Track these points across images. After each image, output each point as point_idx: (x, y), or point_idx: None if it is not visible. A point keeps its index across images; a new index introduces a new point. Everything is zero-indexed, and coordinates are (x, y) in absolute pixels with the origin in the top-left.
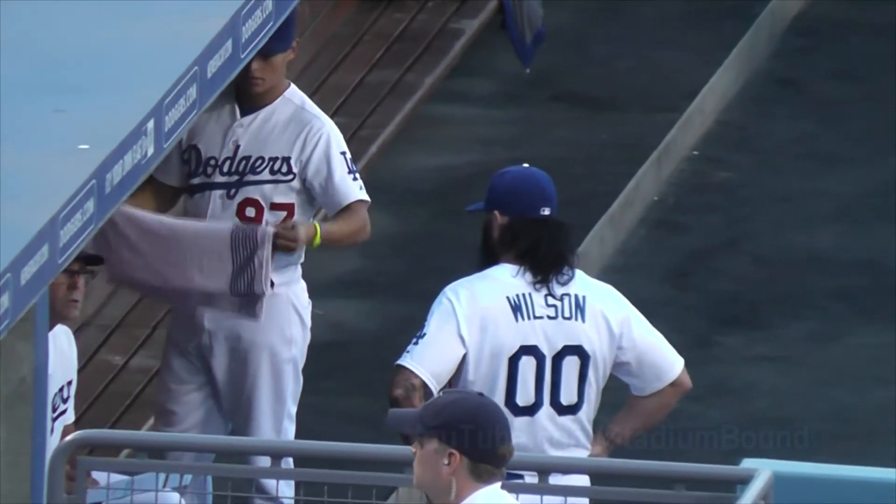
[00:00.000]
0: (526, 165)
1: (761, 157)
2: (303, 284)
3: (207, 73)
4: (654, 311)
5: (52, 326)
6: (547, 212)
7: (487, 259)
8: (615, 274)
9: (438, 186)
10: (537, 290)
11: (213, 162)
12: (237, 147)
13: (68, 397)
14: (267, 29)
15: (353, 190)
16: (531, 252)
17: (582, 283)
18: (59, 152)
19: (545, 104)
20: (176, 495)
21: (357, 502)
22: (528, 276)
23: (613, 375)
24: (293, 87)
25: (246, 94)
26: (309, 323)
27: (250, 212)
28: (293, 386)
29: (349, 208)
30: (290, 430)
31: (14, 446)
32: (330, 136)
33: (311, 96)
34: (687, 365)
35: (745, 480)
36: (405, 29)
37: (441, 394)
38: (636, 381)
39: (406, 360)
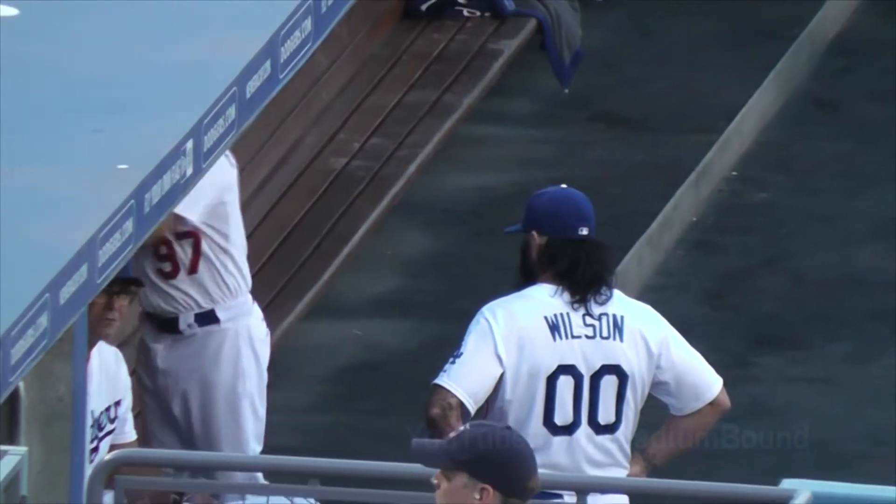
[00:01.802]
0: (564, 186)
1: (799, 177)
2: (256, 315)
3: (246, 94)
4: (692, 332)
5: (90, 345)
6: (585, 231)
7: (525, 279)
8: (653, 294)
9: (476, 206)
10: (575, 309)
11: None
12: None
13: (116, 417)
14: (306, 50)
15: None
16: (569, 272)
17: (620, 303)
18: (97, 172)
19: (583, 124)
20: None
21: None
22: (566, 296)
23: (652, 395)
24: None
25: None
26: (264, 356)
27: (163, 249)
28: (252, 422)
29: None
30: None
31: (52, 465)
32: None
33: (348, 117)
34: (725, 385)
35: (784, 501)
36: (444, 49)
37: (468, 426)
38: (675, 401)
39: (443, 380)
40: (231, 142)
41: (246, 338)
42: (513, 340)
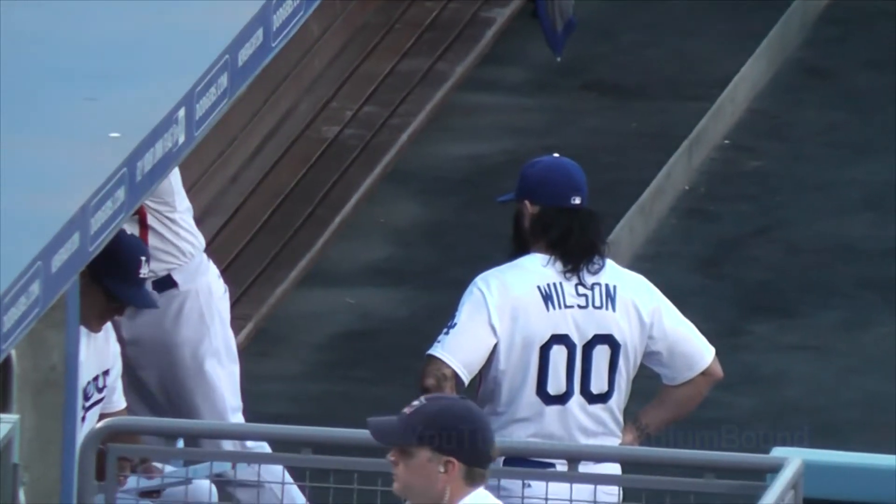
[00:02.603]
0: (556, 155)
1: (792, 145)
2: (213, 272)
3: (238, 62)
4: (685, 300)
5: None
6: (578, 201)
7: (518, 248)
8: (645, 263)
9: (469, 175)
10: (568, 279)
11: None
12: None
13: (104, 386)
14: (298, 18)
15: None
16: (562, 241)
17: (613, 273)
18: (90, 141)
19: (575, 93)
20: (206, 482)
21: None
22: (559, 266)
23: (644, 365)
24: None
25: None
26: (225, 312)
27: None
28: (225, 379)
29: None
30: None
31: (44, 433)
32: None
33: (341, 86)
34: (717, 354)
35: (775, 469)
36: (436, 17)
37: (424, 400)
38: (667, 371)
39: (437, 350)
40: (223, 110)
41: (206, 296)
42: (506, 310)
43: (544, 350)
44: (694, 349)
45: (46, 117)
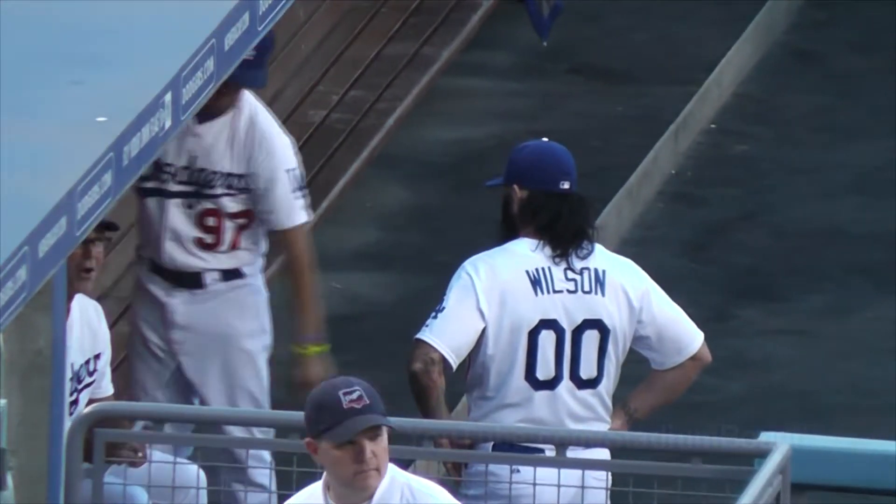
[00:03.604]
0: (545, 139)
1: (779, 129)
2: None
3: (225, 46)
4: (672, 285)
5: (69, 297)
6: (567, 185)
7: (507, 233)
8: (632, 247)
9: (456, 159)
10: (557, 264)
11: (168, 169)
12: (193, 158)
13: (95, 370)
14: (285, 1)
15: (296, 211)
16: (551, 226)
17: (602, 258)
18: (76, 125)
19: (562, 77)
20: (194, 467)
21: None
22: (548, 250)
23: (633, 350)
24: (248, 96)
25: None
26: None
27: (210, 221)
28: (266, 377)
29: (285, 241)
30: None
31: (31, 417)
32: (283, 155)
33: (327, 70)
34: (705, 338)
35: (762, 454)
36: (422, 1)
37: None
38: (656, 356)
39: (425, 335)
40: (210, 93)
41: (263, 294)
42: (495, 295)
43: (533, 335)
44: (683, 333)
45: (32, 101)
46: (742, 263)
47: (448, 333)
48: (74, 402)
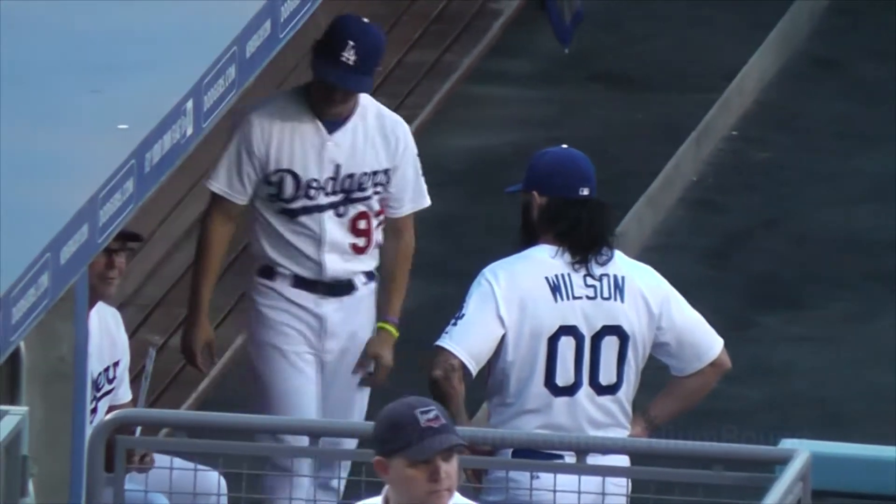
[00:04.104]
0: (565, 146)
1: (800, 137)
2: None
3: (246, 53)
4: (693, 292)
5: (91, 303)
6: (586, 192)
7: (527, 240)
8: (654, 254)
9: (476, 166)
10: (576, 270)
11: (315, 184)
12: (337, 167)
13: (115, 377)
14: (307, 9)
15: (424, 194)
16: (570, 232)
17: (621, 264)
18: (98, 132)
19: (583, 84)
20: (215, 473)
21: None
22: (567, 257)
23: (653, 356)
24: (362, 94)
25: (323, 111)
26: None
27: (362, 224)
28: None
29: (401, 226)
30: None
31: (53, 425)
32: (410, 138)
33: None
34: (725, 345)
35: (783, 461)
36: (444, 9)
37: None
38: (676, 362)
39: (445, 342)
40: (231, 101)
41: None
42: (514, 301)
43: (552, 341)
44: (702, 340)
45: (54, 109)
46: (763, 270)
47: (468, 340)
48: (93, 411)
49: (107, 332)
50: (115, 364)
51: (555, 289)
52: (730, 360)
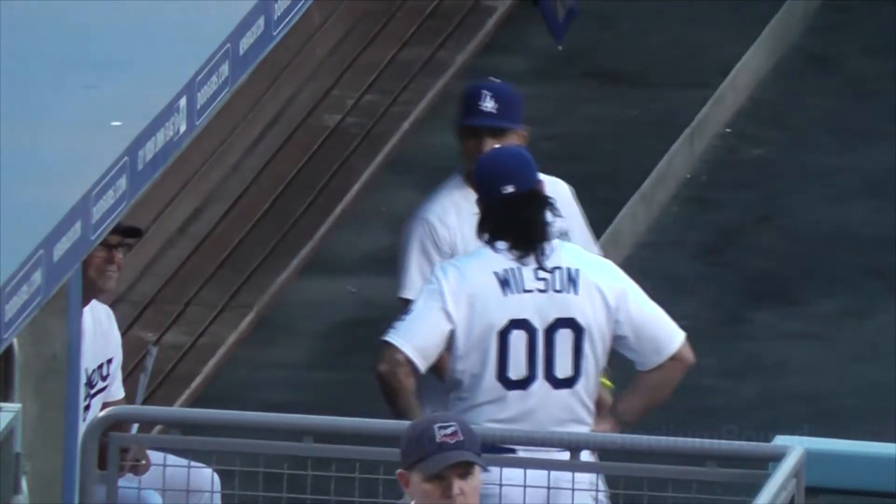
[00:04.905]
0: (497, 146)
1: (794, 133)
2: None
3: (240, 51)
4: (687, 288)
5: (87, 299)
6: (510, 189)
7: (484, 237)
8: (647, 251)
9: None
10: (525, 264)
11: None
12: None
13: (108, 375)
14: (299, 6)
15: (593, 247)
16: (504, 230)
17: (576, 257)
18: (91, 129)
19: (577, 81)
20: (209, 470)
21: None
22: (515, 252)
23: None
24: None
25: None
26: None
27: None
28: None
29: None
30: None
31: (46, 422)
32: (571, 197)
33: (342, 74)
34: (719, 341)
35: (777, 457)
36: (437, 6)
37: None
38: (637, 356)
39: (391, 336)
40: (225, 99)
41: None
42: (462, 297)
43: (503, 335)
44: (661, 333)
45: (47, 105)
46: (756, 267)
47: (413, 335)
48: (87, 408)
49: (100, 330)
50: (109, 361)
51: (504, 283)
52: (692, 354)
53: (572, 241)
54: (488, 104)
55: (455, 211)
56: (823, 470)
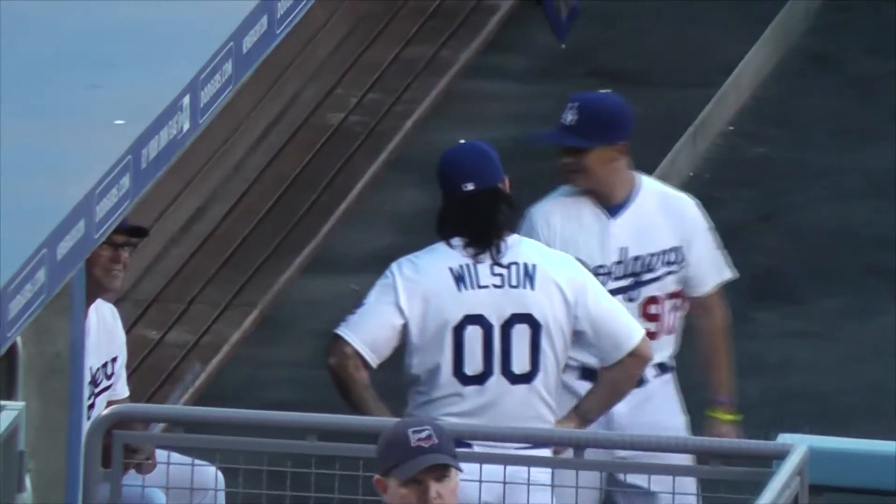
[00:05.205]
0: (462, 141)
1: (796, 132)
2: None
3: (243, 49)
4: None
5: (92, 298)
6: (470, 187)
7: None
8: None
9: None
10: (481, 260)
11: (601, 270)
12: (623, 250)
13: (113, 373)
14: (302, 5)
15: (724, 266)
16: (462, 226)
17: (535, 252)
18: (94, 128)
19: (580, 80)
20: (212, 468)
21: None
22: (471, 249)
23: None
24: (642, 176)
25: (601, 196)
26: None
27: (653, 308)
28: None
29: (710, 304)
30: None
31: (50, 420)
32: (697, 213)
33: (345, 73)
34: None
35: (780, 455)
36: (440, 4)
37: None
38: (596, 352)
39: (341, 329)
40: (228, 97)
41: None
42: (416, 292)
43: (458, 331)
44: (620, 329)
45: (51, 104)
46: (759, 266)
47: (362, 329)
48: (91, 406)
49: (104, 328)
50: (113, 360)
51: (458, 279)
52: (651, 351)
53: (694, 257)
54: (569, 116)
55: (562, 213)
56: (827, 468)
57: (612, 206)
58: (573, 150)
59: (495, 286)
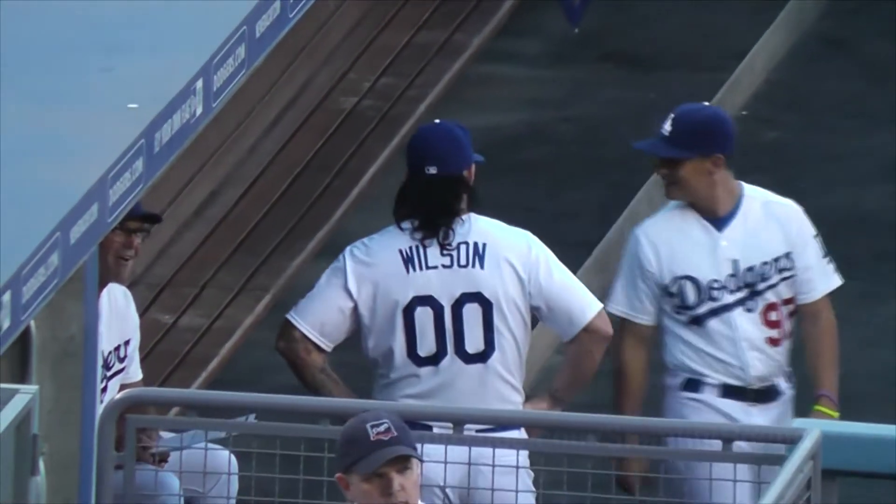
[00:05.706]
0: (437, 122)
1: (810, 116)
2: None
3: (256, 33)
4: None
5: (104, 283)
6: (433, 171)
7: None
8: None
9: (485, 146)
10: (430, 243)
11: (716, 284)
12: (734, 262)
13: (125, 356)
14: None
15: (832, 275)
16: (414, 210)
17: (486, 231)
18: (107, 111)
19: (593, 64)
20: (226, 452)
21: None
22: (420, 232)
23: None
24: (744, 184)
25: (704, 209)
26: None
27: (773, 315)
28: None
29: (819, 309)
30: None
31: (63, 404)
32: (803, 219)
33: (358, 57)
34: None
35: (794, 440)
36: None
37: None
38: (556, 328)
39: (290, 314)
40: (241, 81)
41: None
42: (365, 275)
43: (408, 312)
44: (574, 304)
45: (64, 88)
46: None
47: (311, 312)
48: (104, 389)
49: (117, 311)
50: (126, 343)
51: (407, 260)
52: (609, 326)
53: (803, 263)
54: (667, 127)
55: (668, 232)
56: (840, 452)
57: (719, 219)
58: (667, 160)
59: (444, 266)
